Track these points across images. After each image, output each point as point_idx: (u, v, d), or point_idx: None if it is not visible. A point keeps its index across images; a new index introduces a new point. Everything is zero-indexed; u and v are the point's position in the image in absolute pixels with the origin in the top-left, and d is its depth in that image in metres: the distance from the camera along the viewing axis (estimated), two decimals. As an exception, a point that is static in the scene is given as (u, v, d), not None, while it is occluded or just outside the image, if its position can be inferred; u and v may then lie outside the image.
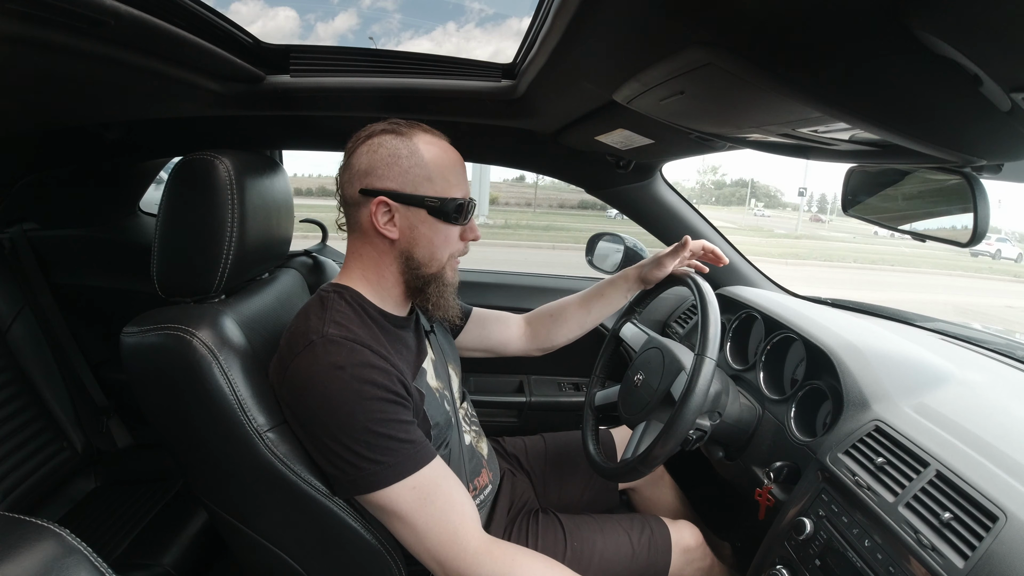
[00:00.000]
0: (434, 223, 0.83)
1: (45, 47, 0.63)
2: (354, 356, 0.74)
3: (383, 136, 0.82)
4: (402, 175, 0.81)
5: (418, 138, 0.83)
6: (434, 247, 0.84)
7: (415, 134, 0.83)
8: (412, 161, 0.81)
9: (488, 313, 1.19)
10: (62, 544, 0.43)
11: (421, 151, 0.82)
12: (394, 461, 0.73)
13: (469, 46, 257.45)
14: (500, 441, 1.25)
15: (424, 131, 0.85)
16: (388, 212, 0.81)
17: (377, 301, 0.85)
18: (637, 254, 1.70)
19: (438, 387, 0.91)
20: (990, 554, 0.58)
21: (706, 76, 0.55)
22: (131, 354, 0.78)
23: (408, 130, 0.83)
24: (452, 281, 0.89)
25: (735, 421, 1.03)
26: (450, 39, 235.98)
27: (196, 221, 0.84)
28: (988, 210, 0.68)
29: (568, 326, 1.17)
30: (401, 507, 0.74)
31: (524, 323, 1.20)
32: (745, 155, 9.46)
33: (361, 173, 0.82)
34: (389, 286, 0.86)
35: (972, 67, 0.39)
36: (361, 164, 0.82)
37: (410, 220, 0.82)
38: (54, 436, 1.30)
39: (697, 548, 1.03)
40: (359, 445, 0.72)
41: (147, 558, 1.11)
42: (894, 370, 0.93)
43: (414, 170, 0.81)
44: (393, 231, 0.82)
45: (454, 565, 0.74)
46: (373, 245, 0.84)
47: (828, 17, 0.39)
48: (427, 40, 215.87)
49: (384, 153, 0.81)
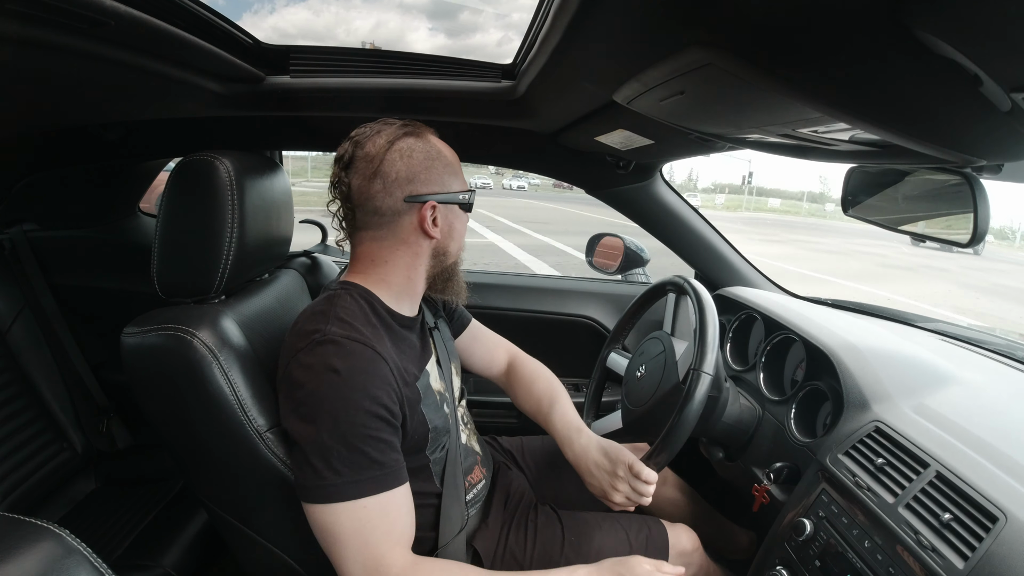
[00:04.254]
0: (462, 215, 0.89)
1: (45, 47, 0.63)
2: (352, 360, 0.73)
3: (407, 140, 0.83)
4: (438, 177, 0.84)
5: (429, 137, 0.85)
6: (462, 238, 0.91)
7: (425, 133, 0.85)
8: (441, 161, 0.84)
9: (480, 337, 1.16)
10: (62, 545, 0.43)
11: (441, 149, 0.85)
12: (355, 479, 0.71)
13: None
14: (495, 438, 1.25)
15: (428, 129, 0.87)
16: (433, 214, 0.83)
17: (390, 301, 0.85)
18: (637, 255, 1.71)
19: (439, 389, 0.91)
20: (990, 555, 0.58)
21: (706, 76, 0.55)
22: (131, 355, 0.78)
23: (419, 130, 0.85)
24: None
25: (735, 422, 1.03)
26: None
27: (196, 222, 0.84)
28: (988, 210, 0.68)
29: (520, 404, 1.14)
30: (341, 526, 0.72)
31: (506, 369, 1.17)
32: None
33: (402, 181, 0.81)
34: (414, 285, 0.87)
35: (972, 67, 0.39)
36: (399, 172, 0.80)
37: (448, 217, 0.86)
38: (54, 437, 1.30)
39: (693, 552, 1.03)
40: (330, 453, 0.71)
41: (147, 559, 1.11)
42: (894, 371, 0.93)
43: (442, 170, 0.84)
44: (436, 231, 0.84)
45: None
46: (409, 247, 0.84)
47: (828, 17, 0.39)
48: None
49: (420, 158, 0.82)
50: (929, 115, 0.51)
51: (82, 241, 1.54)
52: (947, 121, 0.52)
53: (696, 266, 1.59)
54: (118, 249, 1.57)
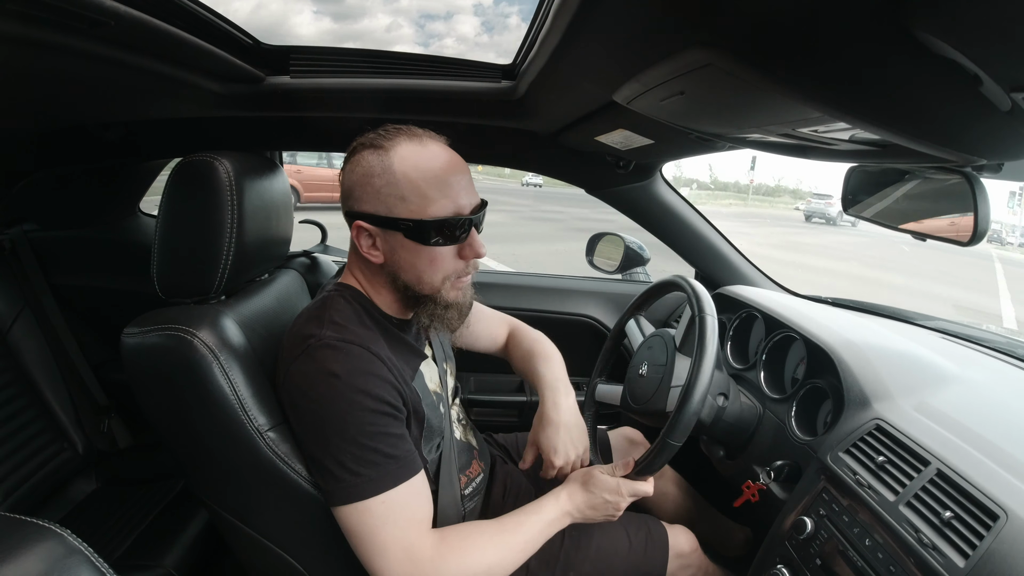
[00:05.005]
0: (413, 246, 0.76)
1: (45, 47, 0.63)
2: (350, 362, 0.73)
3: (362, 152, 0.77)
4: (375, 196, 0.75)
5: (396, 150, 0.75)
6: (419, 271, 0.78)
7: (395, 145, 0.76)
8: (384, 180, 0.74)
9: (482, 317, 1.15)
10: (64, 545, 0.43)
11: (395, 167, 0.74)
12: (375, 475, 0.72)
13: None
14: (491, 435, 1.25)
15: (408, 139, 0.77)
16: (369, 236, 0.78)
17: (380, 304, 0.85)
18: (637, 254, 1.70)
19: (435, 389, 0.92)
20: (991, 553, 0.58)
21: (706, 77, 0.55)
22: (131, 355, 0.78)
23: (388, 142, 0.76)
24: (455, 301, 0.83)
25: (736, 420, 1.03)
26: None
27: (196, 222, 0.84)
28: (988, 209, 0.68)
29: None
30: (366, 524, 0.73)
31: (506, 339, 1.17)
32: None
33: (345, 193, 0.80)
34: (387, 300, 0.85)
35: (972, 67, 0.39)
36: (344, 184, 0.80)
37: (391, 243, 0.77)
38: (55, 437, 1.30)
39: (692, 554, 1.04)
40: (344, 455, 0.72)
41: (148, 559, 1.11)
42: (895, 369, 0.93)
43: (385, 189, 0.75)
44: (377, 255, 0.78)
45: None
46: (366, 263, 0.82)
47: (828, 17, 0.39)
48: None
49: (360, 172, 0.76)
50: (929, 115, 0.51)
51: (82, 241, 1.54)
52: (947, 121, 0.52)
53: (696, 265, 1.59)
54: (118, 249, 1.57)
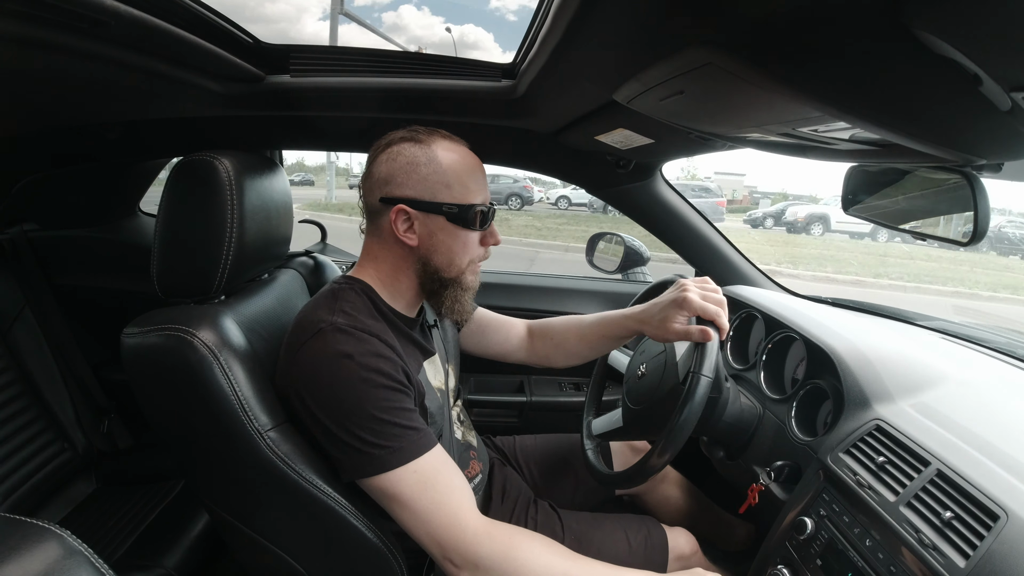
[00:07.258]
0: (453, 229, 0.84)
1: (45, 47, 0.63)
2: (362, 345, 0.75)
3: (402, 144, 0.83)
4: (420, 182, 0.82)
5: (437, 145, 0.84)
6: (453, 253, 0.85)
7: (434, 141, 0.84)
8: (430, 168, 0.82)
9: (491, 320, 1.16)
10: (64, 546, 0.43)
11: (439, 158, 0.83)
12: (399, 446, 0.74)
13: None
14: (489, 437, 1.26)
15: (443, 137, 0.86)
16: (408, 220, 0.83)
17: (388, 298, 0.87)
18: (637, 254, 1.70)
19: (438, 386, 0.93)
20: (991, 553, 0.58)
21: (706, 76, 0.55)
22: (131, 355, 0.78)
23: (427, 137, 0.84)
24: (471, 285, 0.90)
25: (736, 421, 1.03)
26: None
27: (196, 222, 0.84)
28: (988, 209, 0.68)
29: (568, 356, 1.13)
30: (403, 491, 0.75)
31: (526, 335, 1.17)
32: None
33: (381, 181, 0.83)
34: (403, 289, 0.88)
35: (972, 67, 0.39)
36: (381, 172, 0.83)
37: (429, 227, 0.84)
38: (55, 437, 1.30)
39: (692, 555, 1.04)
40: (365, 432, 0.73)
41: (148, 559, 1.11)
42: (895, 369, 0.93)
43: (432, 177, 0.82)
44: (412, 238, 0.84)
45: (453, 546, 0.75)
46: (391, 250, 0.86)
47: (828, 17, 0.39)
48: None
49: (403, 161, 0.82)
50: (929, 114, 0.51)
51: (82, 241, 1.54)
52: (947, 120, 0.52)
53: (696, 265, 1.59)
54: (118, 249, 1.57)
